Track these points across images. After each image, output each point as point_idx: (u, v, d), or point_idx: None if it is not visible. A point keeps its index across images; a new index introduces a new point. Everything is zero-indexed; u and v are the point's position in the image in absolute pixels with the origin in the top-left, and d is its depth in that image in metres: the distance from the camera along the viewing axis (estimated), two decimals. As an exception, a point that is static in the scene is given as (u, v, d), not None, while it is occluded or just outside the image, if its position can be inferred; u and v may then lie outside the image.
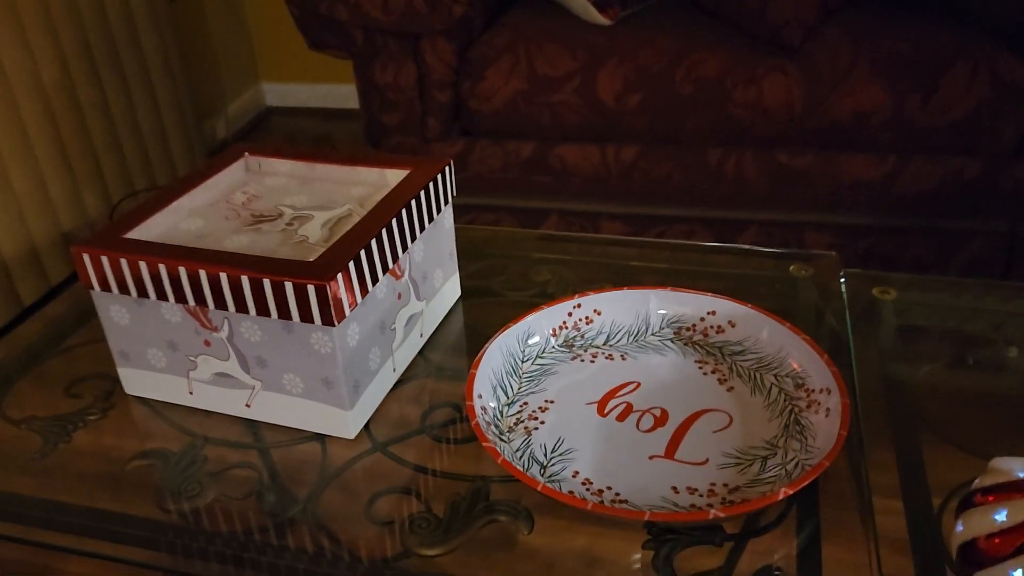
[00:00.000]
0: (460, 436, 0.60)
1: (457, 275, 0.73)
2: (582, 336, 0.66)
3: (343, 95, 2.53)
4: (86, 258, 0.57)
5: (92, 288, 0.58)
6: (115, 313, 0.60)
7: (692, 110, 1.32)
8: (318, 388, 0.57)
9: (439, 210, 0.65)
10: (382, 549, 0.51)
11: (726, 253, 0.83)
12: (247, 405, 0.60)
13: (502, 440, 0.56)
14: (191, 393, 0.61)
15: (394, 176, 0.67)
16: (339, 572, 0.50)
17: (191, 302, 0.56)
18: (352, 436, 0.59)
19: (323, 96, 2.56)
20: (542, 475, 0.54)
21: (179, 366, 0.60)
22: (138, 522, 0.54)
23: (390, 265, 0.59)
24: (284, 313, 0.54)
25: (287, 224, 0.62)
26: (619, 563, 0.50)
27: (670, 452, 0.56)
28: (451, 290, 0.72)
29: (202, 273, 0.54)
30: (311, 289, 0.52)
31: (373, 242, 0.56)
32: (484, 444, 0.53)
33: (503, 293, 0.75)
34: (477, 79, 1.38)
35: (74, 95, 1.65)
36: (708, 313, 0.66)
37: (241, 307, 0.55)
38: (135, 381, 0.63)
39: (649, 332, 0.66)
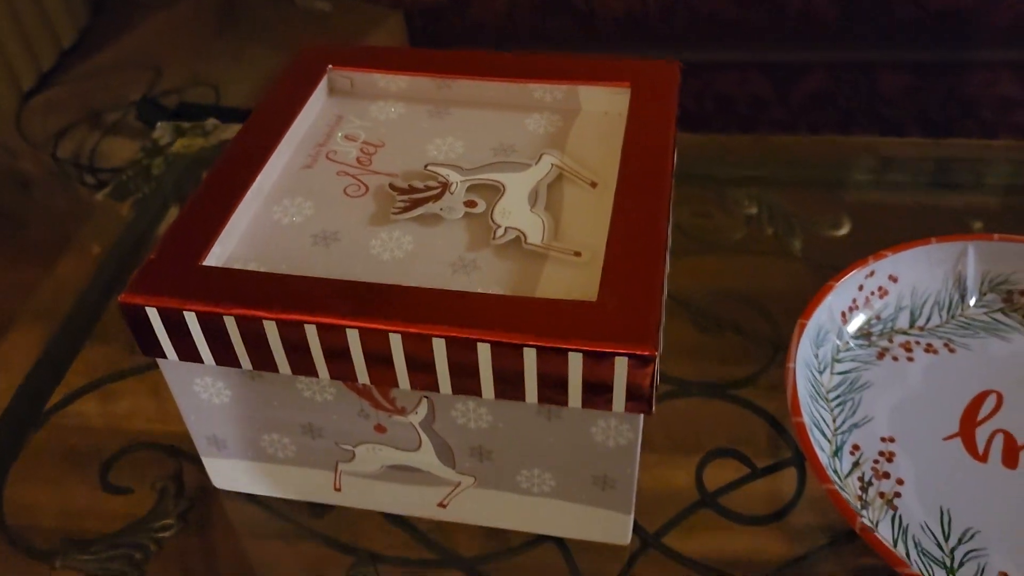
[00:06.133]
0: (764, 508, 0.39)
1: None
2: (878, 317, 0.45)
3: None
4: (153, 315, 0.31)
5: (163, 357, 0.33)
6: (204, 388, 0.35)
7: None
8: (584, 488, 0.35)
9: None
10: None
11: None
12: (441, 505, 0.37)
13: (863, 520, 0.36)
14: (338, 489, 0.38)
15: (594, 96, 0.41)
16: None
17: (364, 381, 0.32)
18: (628, 541, 0.37)
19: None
20: (954, 587, 0.35)
21: (320, 457, 0.37)
22: None
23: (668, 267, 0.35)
24: (555, 398, 0.30)
25: (466, 203, 0.37)
26: None
27: (1116, 520, 0.37)
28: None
29: (394, 338, 0.30)
30: (621, 363, 0.29)
31: (665, 239, 0.33)
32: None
33: (703, 237, 0.53)
34: None
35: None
36: (1053, 269, 0.46)
37: (467, 388, 0.31)
38: (233, 473, 0.39)
39: (967, 302, 0.46)
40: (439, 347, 0.30)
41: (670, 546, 0.38)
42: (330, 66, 0.43)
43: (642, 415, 0.31)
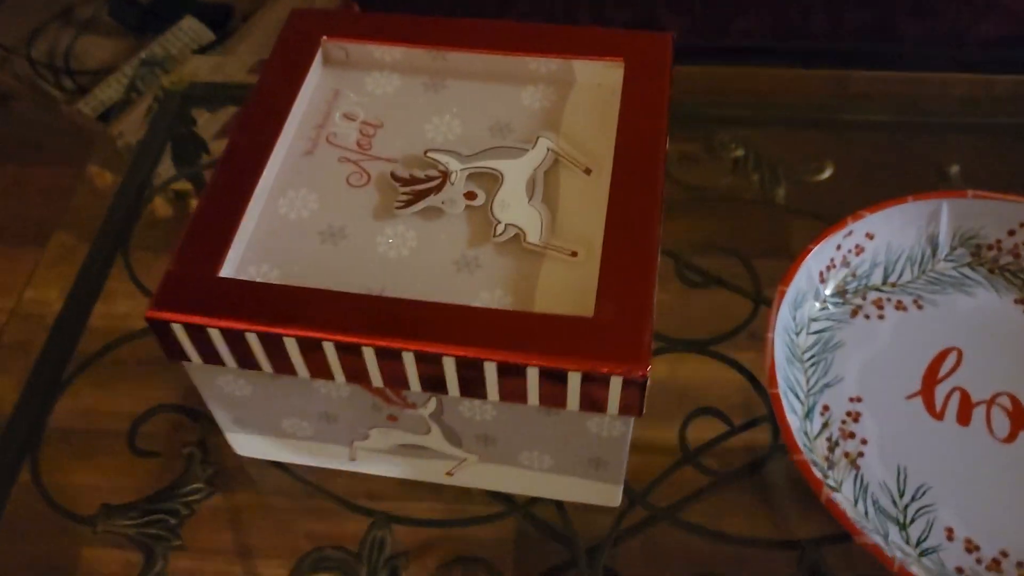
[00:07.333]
0: (741, 461, 0.43)
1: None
2: (854, 275, 0.48)
3: None
4: (179, 331, 0.33)
5: (189, 362, 0.35)
6: (227, 384, 0.37)
7: None
8: (579, 466, 0.38)
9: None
10: None
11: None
12: (448, 474, 0.41)
13: (828, 484, 0.40)
14: (353, 460, 0.41)
15: (588, 69, 0.42)
16: None
17: (378, 384, 0.34)
18: (618, 504, 0.41)
19: None
20: (906, 540, 0.40)
21: (337, 436, 0.40)
22: None
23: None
24: (555, 401, 0.33)
25: (467, 195, 0.38)
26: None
27: (1055, 475, 0.41)
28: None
29: (407, 355, 0.32)
30: (615, 382, 0.31)
31: (658, 238, 0.35)
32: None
33: (692, 185, 0.54)
34: None
35: None
36: (1020, 225, 0.48)
37: (474, 393, 0.34)
38: (254, 444, 0.42)
39: (938, 257, 0.48)
40: (449, 363, 0.32)
41: (656, 504, 0.42)
42: (324, 37, 0.43)
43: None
